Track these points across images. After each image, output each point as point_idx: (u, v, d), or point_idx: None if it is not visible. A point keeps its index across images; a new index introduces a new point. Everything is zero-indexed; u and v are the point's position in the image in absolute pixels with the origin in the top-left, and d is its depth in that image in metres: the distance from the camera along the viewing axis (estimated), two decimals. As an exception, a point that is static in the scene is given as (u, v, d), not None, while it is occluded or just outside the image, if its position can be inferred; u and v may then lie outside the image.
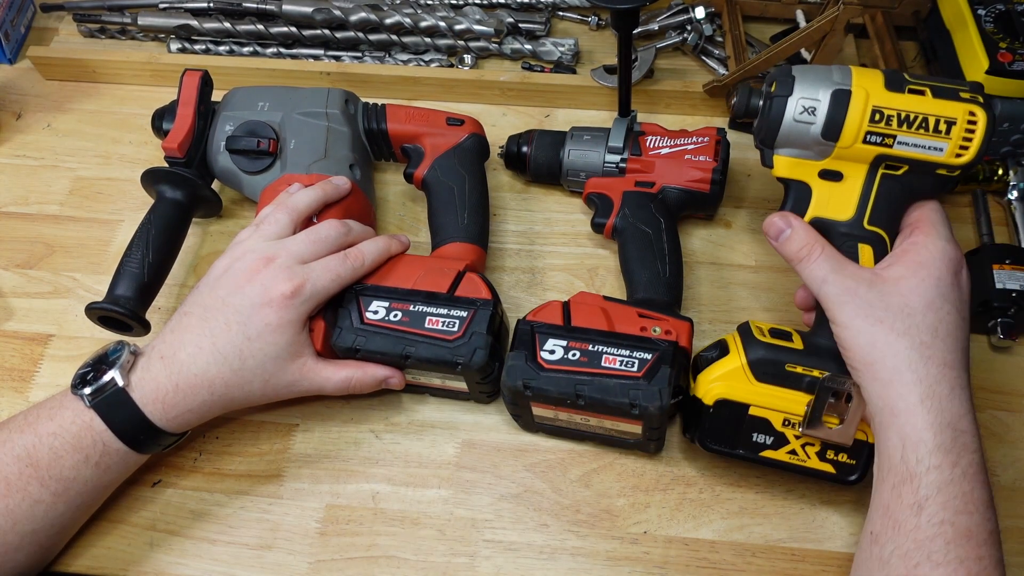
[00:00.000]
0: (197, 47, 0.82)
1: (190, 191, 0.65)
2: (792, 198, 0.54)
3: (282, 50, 0.82)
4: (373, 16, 0.80)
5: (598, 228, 0.66)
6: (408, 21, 0.80)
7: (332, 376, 0.56)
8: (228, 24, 0.81)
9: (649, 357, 0.53)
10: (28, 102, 0.81)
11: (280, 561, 0.56)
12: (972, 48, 0.67)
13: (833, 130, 0.51)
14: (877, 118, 0.50)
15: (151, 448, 0.54)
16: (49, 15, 0.87)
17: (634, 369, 0.53)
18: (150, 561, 0.56)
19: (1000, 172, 0.70)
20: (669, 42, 0.80)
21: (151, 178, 0.64)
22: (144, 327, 0.60)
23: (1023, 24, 0.67)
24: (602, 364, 0.53)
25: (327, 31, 0.81)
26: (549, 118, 0.79)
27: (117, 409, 0.51)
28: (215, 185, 0.69)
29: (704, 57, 0.80)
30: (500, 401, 0.61)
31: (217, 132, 0.66)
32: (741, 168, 0.74)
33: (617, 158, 0.67)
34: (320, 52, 0.82)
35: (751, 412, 0.52)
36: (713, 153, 0.65)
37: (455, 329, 0.55)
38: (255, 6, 0.80)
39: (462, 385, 0.59)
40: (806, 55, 0.75)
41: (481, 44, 0.81)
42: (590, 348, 0.54)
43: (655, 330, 0.55)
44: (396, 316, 0.57)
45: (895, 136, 0.50)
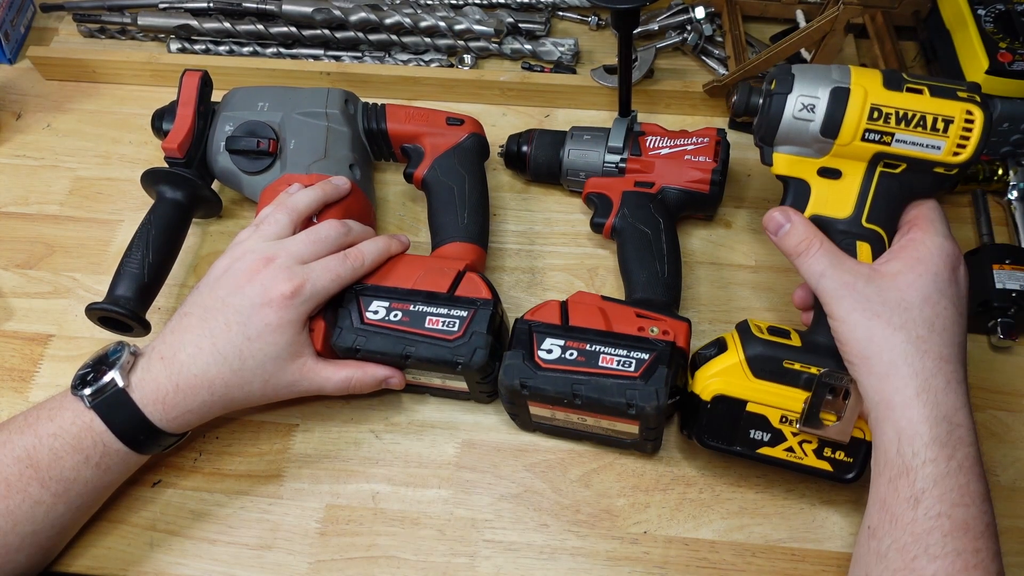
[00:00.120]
0: (197, 47, 0.82)
1: (190, 191, 0.65)
2: (791, 196, 0.55)
3: (282, 50, 0.82)
4: (373, 16, 0.80)
5: (597, 228, 0.66)
6: (408, 21, 0.80)
7: (332, 376, 0.56)
8: (228, 24, 0.81)
9: (646, 357, 0.53)
10: (28, 102, 0.81)
11: (280, 561, 0.56)
12: (972, 48, 0.67)
13: (832, 127, 0.51)
14: (875, 116, 0.50)
15: (151, 449, 0.54)
16: (49, 15, 0.87)
17: (631, 369, 0.53)
18: (150, 561, 0.56)
19: (1000, 172, 0.70)
20: (669, 42, 0.80)
21: (151, 178, 0.64)
22: (144, 327, 0.60)
23: (1023, 24, 0.67)
24: (599, 364, 0.53)
25: (327, 31, 0.81)
26: (549, 118, 0.79)
27: (117, 410, 0.51)
28: (215, 185, 0.69)
29: (704, 57, 0.80)
30: (500, 400, 0.61)
31: (217, 132, 0.66)
32: (741, 168, 0.74)
33: (617, 158, 0.67)
34: (320, 52, 0.82)
35: (748, 408, 0.52)
36: (713, 154, 0.65)
37: (455, 329, 0.55)
38: (255, 6, 0.80)
39: (462, 385, 0.59)
40: (806, 55, 0.75)
41: (481, 44, 0.81)
42: (587, 348, 0.54)
43: (653, 330, 0.55)
44: (396, 316, 0.57)
45: (893, 134, 0.50)
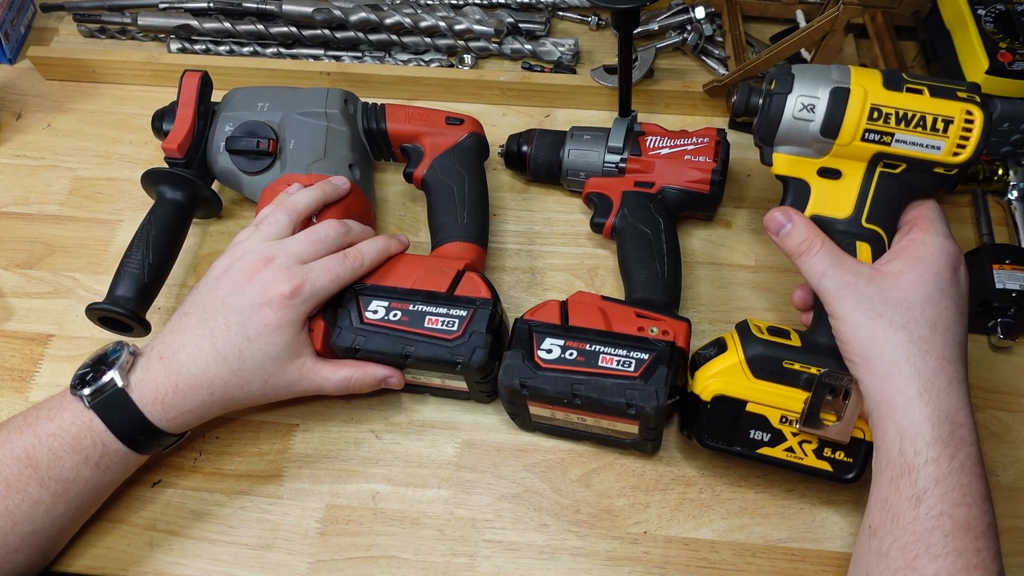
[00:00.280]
0: (197, 47, 0.82)
1: (190, 192, 0.65)
2: (791, 196, 0.55)
3: (282, 50, 0.82)
4: (373, 16, 0.80)
5: (597, 228, 0.66)
6: (408, 21, 0.80)
7: (331, 376, 0.56)
8: (228, 24, 0.81)
9: (646, 357, 0.53)
10: (28, 102, 0.81)
11: (280, 561, 0.56)
12: (972, 48, 0.67)
13: (832, 127, 0.51)
14: (875, 116, 0.50)
15: (151, 448, 0.54)
16: (49, 15, 0.87)
17: (631, 369, 0.53)
18: (150, 561, 0.56)
19: (1000, 172, 0.70)
20: (669, 42, 0.80)
21: (151, 179, 0.64)
22: (144, 328, 0.60)
23: (1023, 24, 0.67)
24: (599, 364, 0.53)
25: (327, 31, 0.81)
26: (549, 118, 0.79)
27: (116, 410, 0.51)
28: (215, 185, 0.69)
29: (704, 57, 0.80)
30: (500, 400, 0.61)
31: (217, 133, 0.66)
32: (741, 168, 0.74)
33: (617, 158, 0.67)
34: (320, 52, 0.82)
35: (748, 409, 0.52)
36: (713, 154, 0.65)
37: (455, 328, 0.55)
38: (255, 6, 0.80)
39: (462, 384, 0.59)
40: (806, 55, 0.75)
41: (481, 44, 0.81)
42: (587, 348, 0.54)
43: (652, 330, 0.55)
44: (396, 316, 0.57)
45: (893, 134, 0.50)
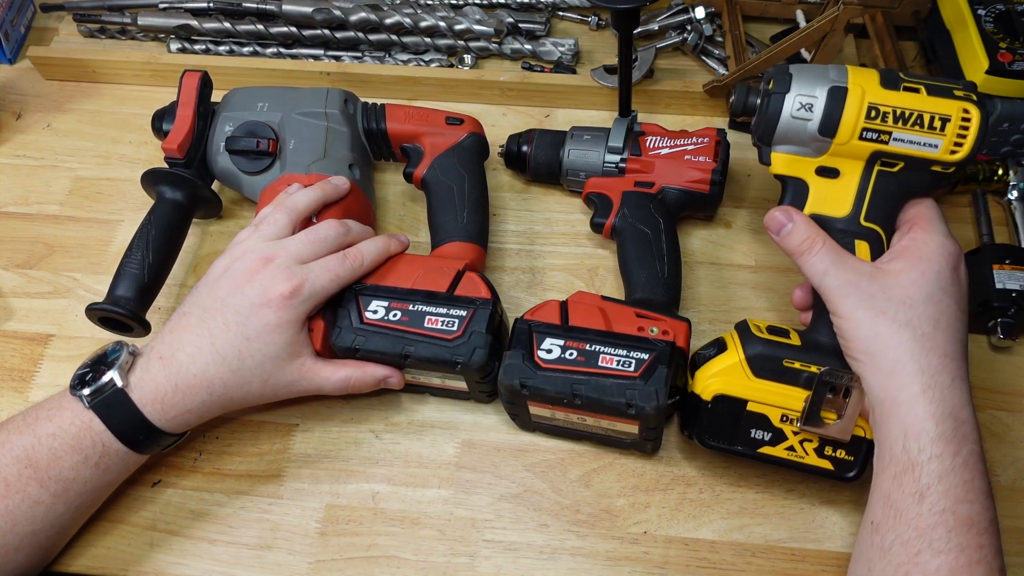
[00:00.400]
0: (197, 47, 0.82)
1: (190, 192, 0.65)
2: (789, 195, 0.55)
3: (282, 50, 0.82)
4: (373, 16, 0.80)
5: (597, 228, 0.66)
6: (408, 21, 0.80)
7: (331, 376, 0.56)
8: (228, 24, 0.81)
9: (646, 357, 0.53)
10: (28, 102, 0.81)
11: (280, 561, 0.56)
12: (972, 48, 0.67)
13: (830, 126, 0.51)
14: (873, 115, 0.50)
15: (150, 448, 0.54)
16: (49, 15, 0.87)
17: (631, 369, 0.53)
18: (150, 561, 0.56)
19: (1000, 172, 0.70)
20: (669, 42, 0.80)
21: (151, 179, 0.64)
22: (144, 328, 0.60)
23: (1023, 24, 0.67)
24: (599, 364, 0.53)
25: (327, 31, 0.81)
26: (549, 118, 0.79)
27: (116, 409, 0.51)
28: (215, 186, 0.69)
29: (704, 57, 0.80)
30: (500, 400, 0.61)
31: (217, 133, 0.66)
32: (741, 168, 0.74)
33: (617, 158, 0.67)
34: (320, 52, 0.82)
35: (749, 408, 0.52)
36: (713, 154, 0.65)
37: (454, 328, 0.55)
38: (255, 6, 0.80)
39: (462, 384, 0.59)
40: (806, 55, 0.75)
41: (481, 44, 0.81)
42: (587, 348, 0.54)
43: (652, 330, 0.55)
44: (395, 315, 0.57)
45: (891, 133, 0.51)
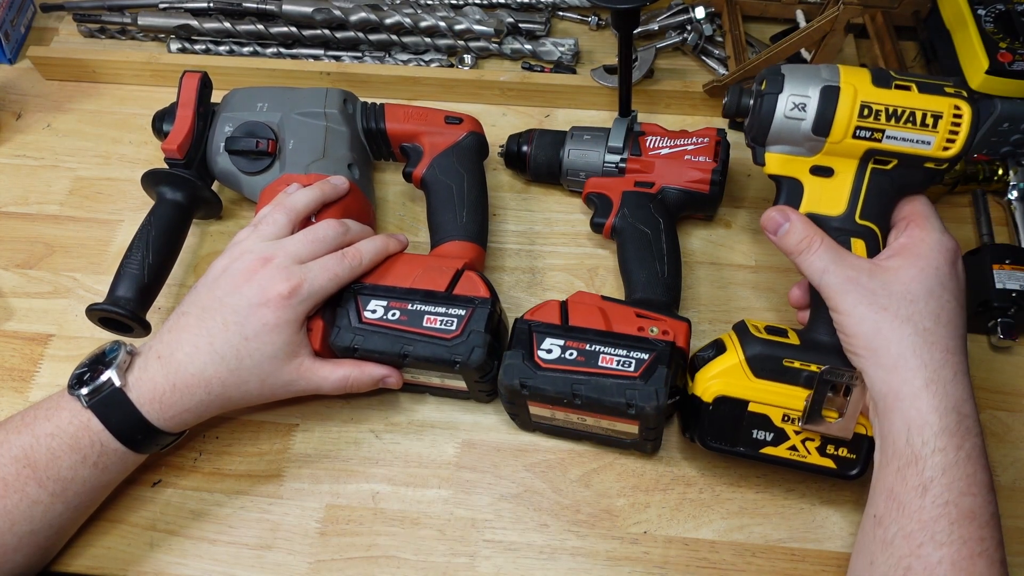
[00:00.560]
0: (197, 47, 0.82)
1: (190, 192, 0.65)
2: (784, 195, 0.55)
3: (282, 50, 0.82)
4: (373, 16, 0.80)
5: (597, 228, 0.66)
6: (408, 21, 0.80)
7: (329, 375, 0.56)
8: (228, 24, 0.81)
9: (646, 357, 0.53)
10: (28, 102, 0.81)
11: (280, 561, 0.56)
12: (972, 48, 0.67)
13: (823, 125, 0.51)
14: (866, 113, 0.51)
15: (149, 448, 0.54)
16: (49, 15, 0.87)
17: (631, 369, 0.53)
18: (150, 561, 0.56)
19: (1000, 172, 0.69)
20: (669, 42, 0.80)
21: (151, 179, 0.64)
22: (144, 328, 0.60)
23: (1023, 24, 0.67)
24: (599, 364, 0.53)
25: (327, 31, 0.81)
26: (549, 118, 0.79)
27: (114, 409, 0.51)
28: (215, 186, 0.69)
29: (704, 57, 0.80)
30: (499, 400, 0.61)
31: (216, 133, 0.66)
32: (741, 168, 0.74)
33: (617, 158, 0.67)
34: (320, 52, 0.82)
35: (750, 408, 0.52)
36: (713, 154, 0.65)
37: (453, 328, 0.55)
38: (255, 6, 0.80)
39: (461, 384, 0.59)
40: (806, 55, 0.75)
41: (481, 44, 0.81)
42: (587, 348, 0.54)
43: (652, 330, 0.55)
44: (394, 315, 0.56)
45: (884, 130, 0.51)
